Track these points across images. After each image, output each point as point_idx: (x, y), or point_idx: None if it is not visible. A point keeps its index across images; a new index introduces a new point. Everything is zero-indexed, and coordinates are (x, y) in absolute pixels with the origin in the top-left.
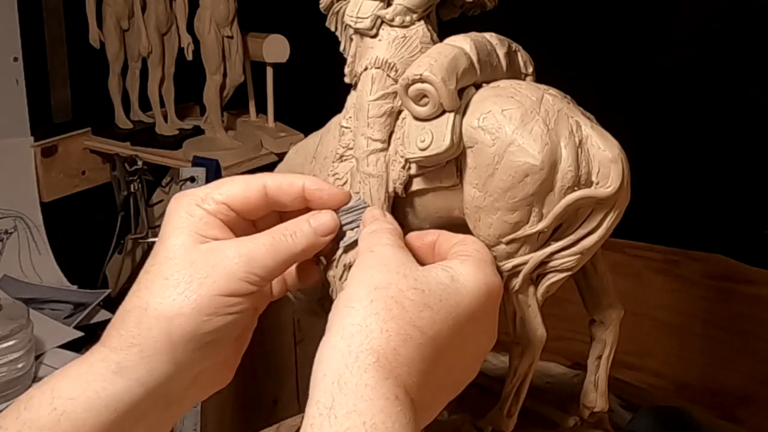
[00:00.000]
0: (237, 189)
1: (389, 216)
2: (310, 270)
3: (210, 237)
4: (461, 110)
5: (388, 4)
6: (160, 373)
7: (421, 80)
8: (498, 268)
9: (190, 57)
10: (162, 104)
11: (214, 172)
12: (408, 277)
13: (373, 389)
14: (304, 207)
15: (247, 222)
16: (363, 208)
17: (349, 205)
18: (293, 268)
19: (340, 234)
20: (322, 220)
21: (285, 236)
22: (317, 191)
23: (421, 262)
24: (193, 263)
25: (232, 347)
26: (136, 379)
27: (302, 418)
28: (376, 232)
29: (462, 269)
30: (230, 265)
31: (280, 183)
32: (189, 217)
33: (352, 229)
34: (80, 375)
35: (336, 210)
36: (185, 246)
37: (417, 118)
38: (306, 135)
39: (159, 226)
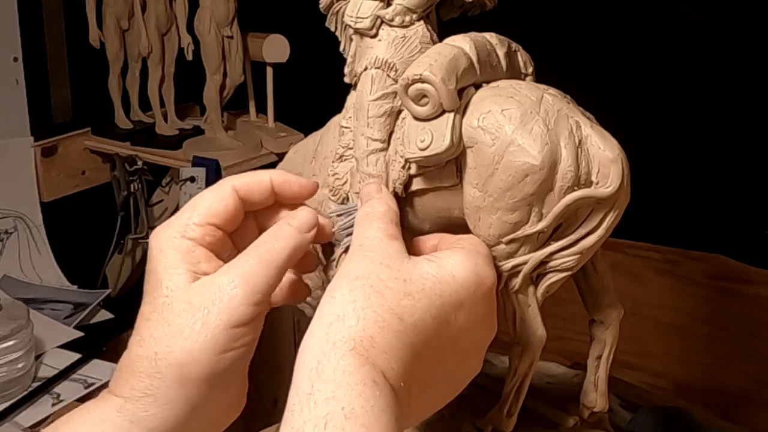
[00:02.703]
0: (212, 202)
1: (385, 191)
2: (298, 288)
3: (200, 273)
4: (461, 110)
5: (388, 4)
6: (176, 419)
7: (421, 80)
8: (498, 268)
9: (190, 57)
10: (162, 104)
11: (214, 172)
12: (391, 268)
13: (351, 375)
14: (275, 203)
15: (227, 237)
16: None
17: (344, 207)
18: (283, 285)
19: (339, 237)
20: (300, 218)
21: (269, 244)
22: (285, 184)
23: None
24: (191, 304)
25: (242, 377)
26: (153, 429)
27: None
28: (368, 219)
29: (451, 259)
30: (229, 294)
31: (247, 182)
32: (175, 252)
33: (348, 232)
34: (96, 424)
35: (330, 214)
36: (180, 288)
37: (417, 118)
38: (306, 135)
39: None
